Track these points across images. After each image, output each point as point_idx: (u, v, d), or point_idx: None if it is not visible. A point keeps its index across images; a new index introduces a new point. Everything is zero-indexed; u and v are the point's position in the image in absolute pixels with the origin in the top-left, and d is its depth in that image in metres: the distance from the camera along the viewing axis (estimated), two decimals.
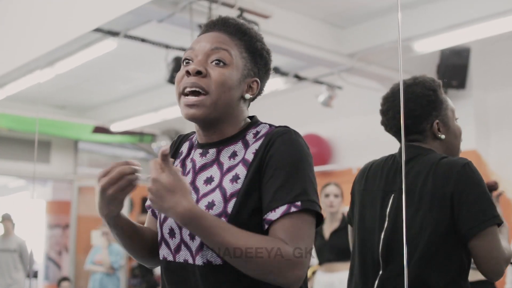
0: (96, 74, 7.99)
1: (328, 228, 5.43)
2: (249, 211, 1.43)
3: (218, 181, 1.49)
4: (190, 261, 1.48)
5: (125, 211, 6.62)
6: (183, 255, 1.49)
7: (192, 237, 1.46)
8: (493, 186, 2.35)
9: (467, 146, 6.78)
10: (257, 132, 1.54)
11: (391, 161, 2.21)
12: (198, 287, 1.47)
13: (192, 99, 1.48)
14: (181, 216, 1.31)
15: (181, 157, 1.65)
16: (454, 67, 6.78)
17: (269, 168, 1.43)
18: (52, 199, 10.71)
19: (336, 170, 7.96)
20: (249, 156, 1.49)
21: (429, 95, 2.21)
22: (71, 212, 9.54)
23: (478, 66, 7.01)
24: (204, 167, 1.54)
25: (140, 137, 10.10)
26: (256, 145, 1.50)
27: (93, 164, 10.50)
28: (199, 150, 1.58)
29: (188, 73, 1.49)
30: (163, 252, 1.56)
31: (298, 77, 6.96)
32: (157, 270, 6.08)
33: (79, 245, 9.55)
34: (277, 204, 1.40)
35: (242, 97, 1.55)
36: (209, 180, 1.51)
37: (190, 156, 1.61)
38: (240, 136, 1.54)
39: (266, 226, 1.41)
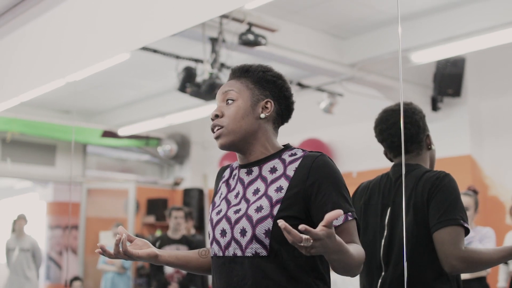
0: (105, 81, 8.23)
1: None
2: (289, 215, 1.79)
3: (264, 191, 1.85)
4: (239, 254, 1.82)
5: (131, 213, 6.92)
6: (232, 250, 1.83)
7: (242, 235, 1.81)
8: None
9: (462, 151, 7.13)
10: (292, 154, 1.91)
11: (385, 179, 2.54)
12: (245, 275, 1.80)
13: (214, 134, 1.93)
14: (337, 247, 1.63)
15: (224, 180, 2.03)
16: (450, 76, 7.04)
17: (318, 186, 1.80)
18: (59, 201, 10.98)
19: None
20: (290, 172, 1.85)
21: (422, 112, 2.55)
22: (80, 213, 9.79)
23: (473, 75, 7.26)
24: (251, 182, 1.91)
25: (146, 141, 10.33)
26: (296, 164, 1.86)
27: (101, 167, 10.77)
28: (244, 170, 1.95)
29: (212, 119, 1.93)
30: (214, 250, 1.91)
31: (301, 85, 7.22)
32: (167, 269, 6.35)
33: (87, 246, 9.80)
34: (328, 205, 1.78)
35: (261, 118, 1.92)
36: (256, 191, 1.87)
37: (233, 177, 1.99)
38: (277, 155, 1.92)
39: None
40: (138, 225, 10.20)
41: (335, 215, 1.52)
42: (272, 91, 1.95)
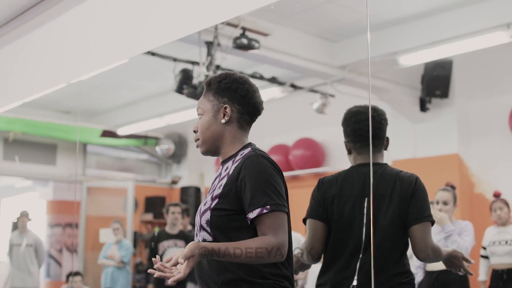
0: (104, 82, 8.43)
1: None
2: (224, 208, 2.14)
3: (214, 187, 2.23)
4: (200, 240, 2.20)
5: (130, 211, 7.14)
6: (198, 238, 2.22)
7: (197, 224, 2.21)
8: None
9: (450, 150, 7.38)
10: (242, 153, 2.23)
11: (355, 173, 2.83)
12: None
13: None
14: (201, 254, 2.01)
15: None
16: (438, 78, 7.25)
17: (244, 183, 2.11)
18: (59, 199, 11.20)
19: (329, 172, 8.40)
20: (231, 171, 2.19)
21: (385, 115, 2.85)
22: (80, 211, 10.01)
23: (460, 77, 7.49)
24: (214, 180, 2.28)
25: (145, 140, 10.55)
26: (237, 163, 2.20)
27: (100, 166, 10.99)
28: (220, 167, 2.31)
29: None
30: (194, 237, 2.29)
31: (294, 86, 7.44)
32: None
33: (87, 243, 10.02)
34: (253, 208, 2.09)
35: (223, 123, 2.26)
36: (212, 187, 2.25)
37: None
38: (234, 156, 2.25)
39: (249, 222, 2.11)
40: (136, 223, 10.43)
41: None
42: (229, 96, 2.27)
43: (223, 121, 2.25)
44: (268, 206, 2.06)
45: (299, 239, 6.22)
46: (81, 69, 4.17)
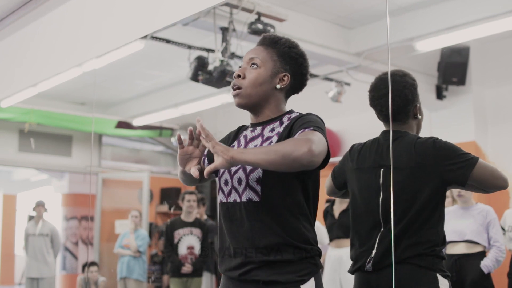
0: (119, 72, 8.46)
1: (337, 209, 6.03)
2: None
3: (259, 146, 2.11)
4: (238, 200, 2.08)
5: (145, 202, 7.14)
6: (233, 197, 2.10)
7: (239, 183, 2.08)
8: None
9: (467, 138, 7.32)
10: (290, 116, 2.17)
11: (376, 144, 2.78)
12: (243, 218, 2.08)
13: (233, 92, 2.18)
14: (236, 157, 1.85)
15: (235, 137, 2.30)
16: (455, 65, 7.21)
17: (297, 123, 2.05)
18: (75, 192, 11.26)
19: None
20: (282, 130, 2.11)
21: (414, 84, 2.78)
22: (96, 203, 10.05)
23: (477, 64, 7.44)
24: (252, 139, 2.18)
25: (160, 131, 10.56)
26: (288, 123, 2.12)
27: (116, 157, 11.01)
28: (250, 128, 2.23)
29: (234, 77, 2.18)
30: (220, 197, 2.18)
31: (309, 74, 7.40)
32: (181, 251, 6.62)
33: (102, 235, 10.05)
34: (295, 133, 2.00)
35: (276, 88, 2.17)
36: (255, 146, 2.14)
37: (242, 135, 2.25)
38: (279, 118, 2.17)
39: None
40: (152, 214, 10.45)
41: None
42: (292, 67, 2.20)
43: (278, 86, 2.17)
44: (310, 128, 1.98)
45: (318, 226, 6.18)
46: (94, 50, 4.15)
